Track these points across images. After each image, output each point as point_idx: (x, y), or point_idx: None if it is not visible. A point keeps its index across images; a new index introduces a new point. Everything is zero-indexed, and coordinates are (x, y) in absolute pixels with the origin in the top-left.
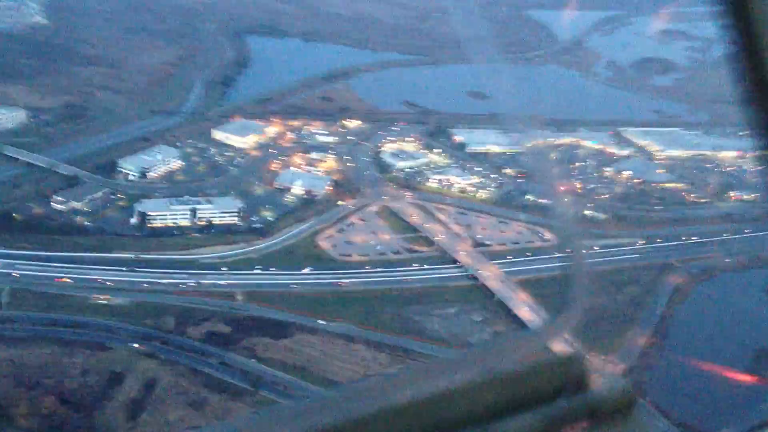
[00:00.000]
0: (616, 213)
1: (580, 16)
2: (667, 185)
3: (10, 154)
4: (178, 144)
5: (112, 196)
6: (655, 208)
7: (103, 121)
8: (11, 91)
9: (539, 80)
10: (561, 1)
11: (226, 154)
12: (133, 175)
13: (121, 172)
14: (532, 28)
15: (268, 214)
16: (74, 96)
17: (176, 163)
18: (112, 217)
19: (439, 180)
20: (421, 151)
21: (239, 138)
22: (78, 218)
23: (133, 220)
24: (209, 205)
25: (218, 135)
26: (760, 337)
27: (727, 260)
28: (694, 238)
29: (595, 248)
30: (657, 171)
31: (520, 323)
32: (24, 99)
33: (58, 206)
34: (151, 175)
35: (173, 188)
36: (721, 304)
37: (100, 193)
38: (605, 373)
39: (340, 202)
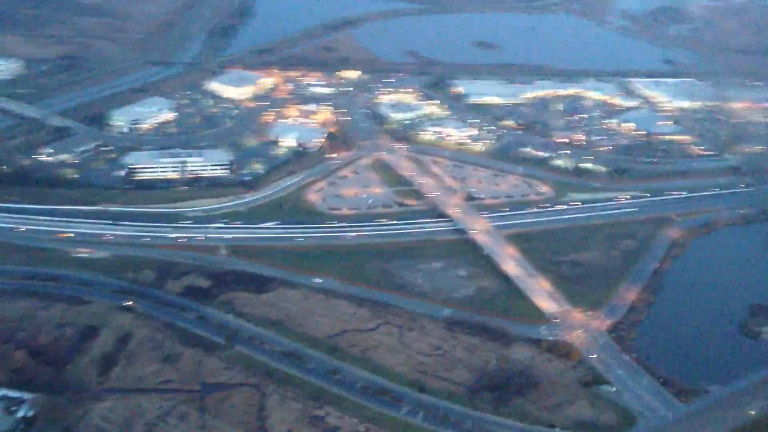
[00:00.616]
0: (617, 165)
1: None
2: (672, 137)
3: (4, 106)
4: (174, 95)
5: (102, 148)
6: (659, 160)
7: (100, 71)
8: (9, 41)
9: (549, 29)
10: None
11: (221, 105)
12: (126, 127)
13: (114, 123)
14: None
15: (259, 167)
16: (72, 46)
17: (169, 115)
18: (100, 170)
19: (436, 132)
20: (419, 102)
21: (234, 89)
22: (66, 170)
23: (121, 173)
24: (199, 158)
25: (213, 86)
26: (756, 292)
27: (728, 214)
28: (697, 192)
29: (591, 202)
30: (663, 123)
31: (505, 278)
32: (22, 49)
33: (47, 158)
34: (143, 126)
35: (165, 140)
36: (718, 258)
37: (90, 145)
38: (591, 329)
39: (332, 155)
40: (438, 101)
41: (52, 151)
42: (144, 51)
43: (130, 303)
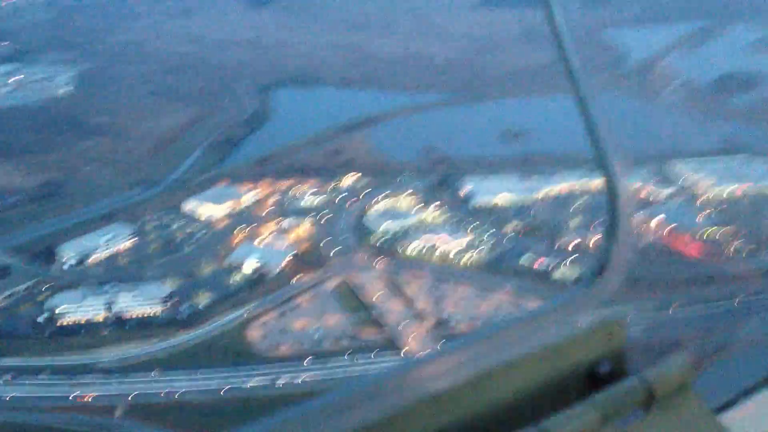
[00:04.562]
0: (627, 274)
1: (664, 31)
2: (707, 231)
3: None
4: (140, 220)
5: (35, 290)
6: (682, 263)
7: (75, 198)
8: None
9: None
10: (645, 17)
11: (189, 228)
12: (71, 262)
13: (62, 258)
14: (601, 51)
15: (203, 300)
16: (58, 172)
17: (126, 243)
18: (23, 315)
19: (425, 243)
20: (416, 208)
21: (209, 208)
22: None
23: (41, 318)
24: (129, 295)
25: (189, 206)
26: None
27: (755, 334)
28: (722, 303)
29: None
30: (698, 214)
31: None
32: (2, 180)
33: None
34: (92, 259)
35: (108, 274)
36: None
37: (24, 286)
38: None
39: (294, 279)
40: (438, 204)
41: None
42: (133, 172)
43: None
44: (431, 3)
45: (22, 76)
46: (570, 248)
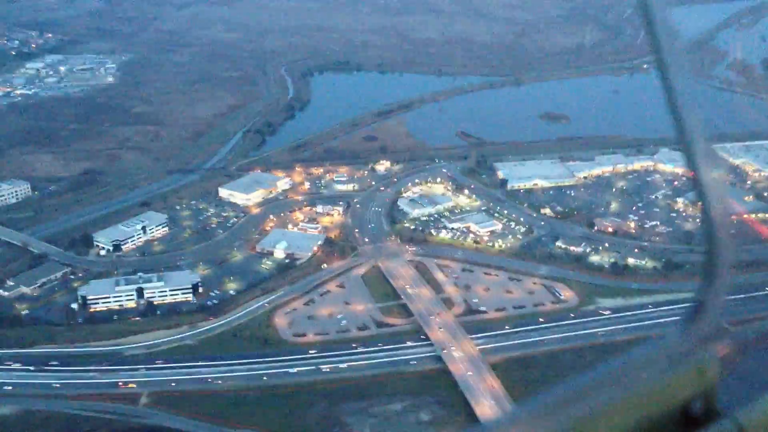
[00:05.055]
0: (669, 259)
1: (718, 9)
2: (752, 216)
3: None
4: (175, 207)
5: (72, 276)
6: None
7: (115, 186)
8: (36, 160)
9: (636, 92)
10: None
11: (224, 214)
12: (106, 249)
13: (97, 246)
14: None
15: (233, 286)
16: (99, 160)
17: (160, 231)
18: (57, 303)
19: (455, 229)
20: (449, 193)
21: (244, 195)
22: (20, 306)
23: (74, 306)
24: (159, 283)
25: (224, 192)
26: None
27: None
28: (763, 290)
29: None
30: (743, 198)
31: (477, 422)
32: (47, 168)
33: (5, 293)
34: (127, 247)
35: (142, 261)
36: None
37: (59, 274)
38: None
39: (324, 265)
40: (471, 190)
41: (12, 284)
42: (172, 159)
43: None
44: None
45: (67, 66)
46: (602, 233)
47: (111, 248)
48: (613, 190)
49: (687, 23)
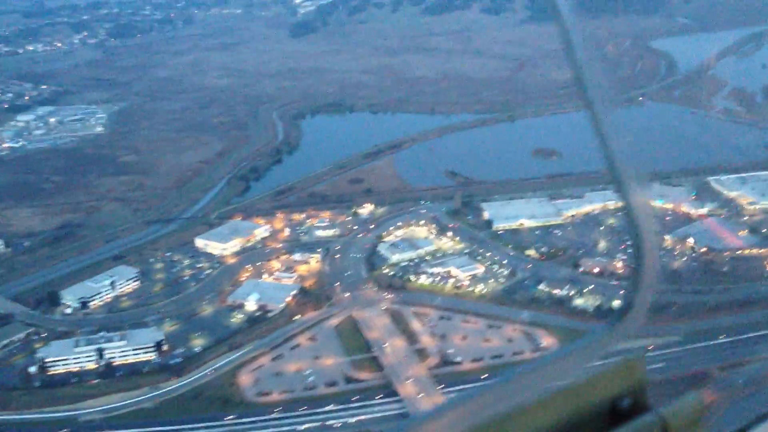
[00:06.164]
0: (655, 300)
1: (717, 38)
2: (744, 253)
3: None
4: (149, 260)
5: (36, 336)
6: (715, 287)
7: (91, 239)
8: (14, 215)
9: (634, 124)
10: (695, 25)
11: (198, 265)
12: (72, 308)
13: (63, 304)
14: (652, 59)
15: (199, 343)
16: (78, 213)
17: (131, 285)
18: (16, 365)
19: (436, 273)
20: (431, 236)
21: (221, 244)
22: None
23: (33, 369)
24: (121, 342)
25: (200, 242)
26: None
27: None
28: (754, 331)
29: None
30: (736, 233)
31: None
32: (26, 222)
33: None
34: (95, 304)
35: (108, 319)
36: None
37: (22, 335)
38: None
39: (297, 317)
40: (453, 231)
41: None
42: (153, 209)
43: None
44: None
45: (58, 117)
46: (587, 274)
47: (78, 306)
48: (602, 228)
49: (688, 53)
